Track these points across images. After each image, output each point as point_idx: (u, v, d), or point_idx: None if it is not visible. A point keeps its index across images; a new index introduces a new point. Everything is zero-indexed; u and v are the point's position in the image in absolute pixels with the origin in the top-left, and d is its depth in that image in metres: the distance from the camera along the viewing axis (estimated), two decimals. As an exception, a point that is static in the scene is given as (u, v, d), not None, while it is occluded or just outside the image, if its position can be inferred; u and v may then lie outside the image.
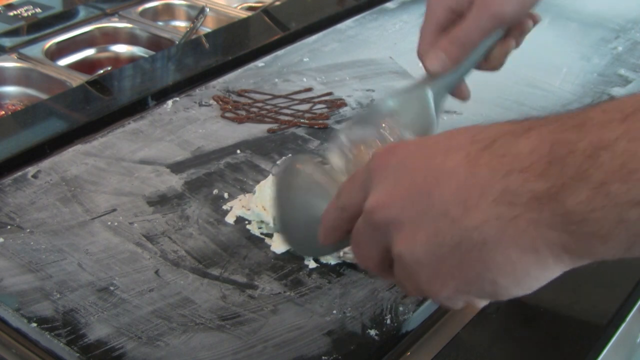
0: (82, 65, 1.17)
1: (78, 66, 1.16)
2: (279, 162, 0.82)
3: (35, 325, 0.61)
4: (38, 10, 1.21)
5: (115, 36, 1.22)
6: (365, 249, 0.46)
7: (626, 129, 0.35)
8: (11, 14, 1.20)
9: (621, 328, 0.65)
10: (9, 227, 0.71)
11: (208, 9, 1.26)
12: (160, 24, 1.29)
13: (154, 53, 1.15)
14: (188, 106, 0.93)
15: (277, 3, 1.26)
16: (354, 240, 0.47)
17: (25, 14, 1.20)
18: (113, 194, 0.77)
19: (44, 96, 1.05)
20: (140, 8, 1.27)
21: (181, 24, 1.32)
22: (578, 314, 0.64)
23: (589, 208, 0.35)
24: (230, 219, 0.74)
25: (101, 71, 1.15)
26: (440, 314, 0.65)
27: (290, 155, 0.82)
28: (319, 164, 0.57)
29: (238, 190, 0.78)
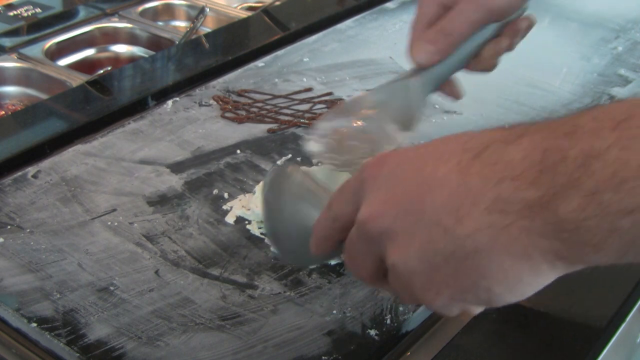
0: (82, 65, 1.17)
1: (78, 66, 1.16)
2: (268, 170, 0.80)
3: (35, 325, 0.61)
4: (38, 10, 1.21)
5: (115, 36, 1.22)
6: (359, 260, 0.46)
7: (617, 137, 0.35)
8: (11, 14, 1.20)
9: (621, 328, 0.65)
10: (9, 227, 0.71)
11: (208, 9, 1.26)
12: (160, 24, 1.29)
13: (154, 53, 1.15)
14: (188, 106, 0.93)
15: (277, 3, 1.26)
16: (347, 252, 0.47)
17: (25, 14, 1.20)
18: (113, 194, 0.77)
19: (44, 96, 1.05)
20: (140, 8, 1.27)
21: (181, 24, 1.32)
22: (578, 315, 0.64)
23: (581, 216, 0.35)
24: (230, 219, 0.74)
25: (101, 71, 1.15)
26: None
27: (277, 164, 0.82)
28: (307, 172, 0.57)
29: (238, 190, 0.78)
